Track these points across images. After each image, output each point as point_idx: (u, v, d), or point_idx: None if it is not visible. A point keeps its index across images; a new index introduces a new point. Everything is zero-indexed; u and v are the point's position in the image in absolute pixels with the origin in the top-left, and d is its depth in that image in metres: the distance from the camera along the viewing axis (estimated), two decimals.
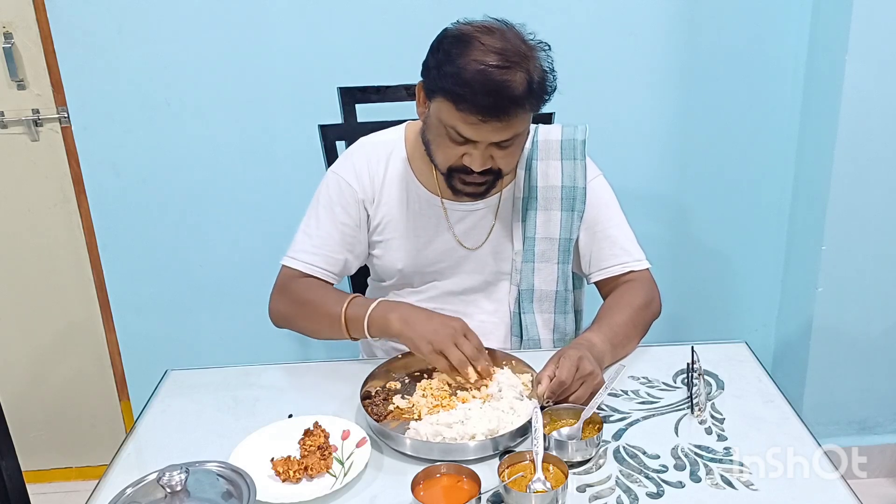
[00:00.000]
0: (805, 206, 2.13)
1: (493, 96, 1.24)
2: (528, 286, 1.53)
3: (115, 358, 2.30)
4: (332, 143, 1.72)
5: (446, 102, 1.28)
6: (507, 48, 1.26)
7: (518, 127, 1.31)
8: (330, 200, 1.49)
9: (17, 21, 1.99)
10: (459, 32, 1.30)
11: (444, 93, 1.28)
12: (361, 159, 1.50)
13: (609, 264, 1.51)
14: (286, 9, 1.96)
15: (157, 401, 1.37)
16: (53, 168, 2.11)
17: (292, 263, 1.48)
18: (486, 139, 1.30)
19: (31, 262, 2.20)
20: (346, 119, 1.72)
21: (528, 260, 1.52)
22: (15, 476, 1.34)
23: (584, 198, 1.49)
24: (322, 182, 1.52)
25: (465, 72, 1.25)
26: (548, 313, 1.55)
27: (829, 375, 2.17)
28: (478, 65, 1.24)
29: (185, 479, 0.98)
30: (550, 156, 1.50)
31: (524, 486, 1.05)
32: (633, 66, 2.07)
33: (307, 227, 1.50)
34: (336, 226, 1.48)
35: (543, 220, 1.50)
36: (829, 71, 1.94)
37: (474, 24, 1.31)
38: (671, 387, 1.34)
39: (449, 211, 1.49)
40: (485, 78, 1.24)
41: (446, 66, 1.27)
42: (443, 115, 1.30)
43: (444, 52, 1.29)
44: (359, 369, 1.38)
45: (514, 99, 1.25)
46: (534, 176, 1.50)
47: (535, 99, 1.29)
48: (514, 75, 1.25)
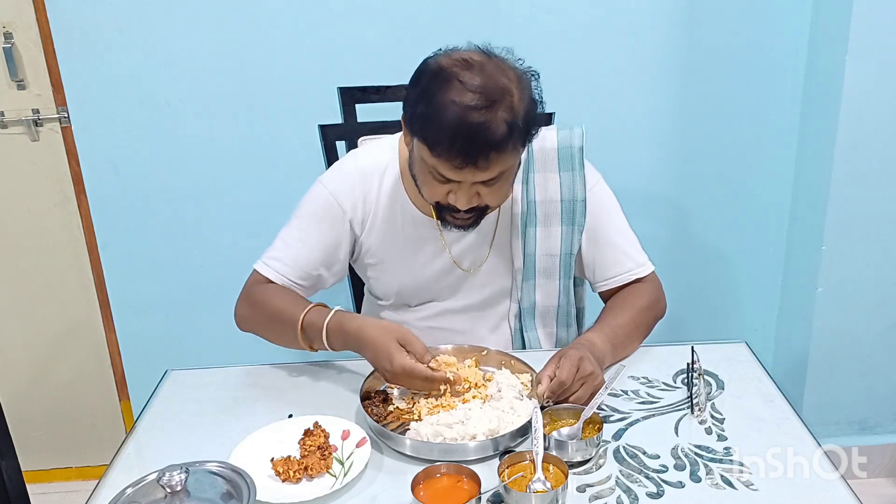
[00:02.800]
0: (805, 206, 2.13)
1: (469, 141, 1.18)
2: (530, 303, 1.51)
3: (115, 358, 2.30)
4: (332, 143, 1.72)
5: (424, 146, 1.23)
6: (486, 85, 1.19)
7: (503, 165, 1.24)
8: (316, 215, 1.44)
9: (17, 21, 1.98)
10: (438, 67, 1.23)
11: (420, 136, 1.24)
12: (356, 179, 1.44)
13: (614, 273, 1.48)
14: (286, 9, 1.96)
15: (157, 401, 1.37)
16: (53, 168, 2.11)
17: (264, 270, 1.45)
18: (469, 180, 1.25)
19: (31, 262, 2.20)
20: (346, 119, 1.72)
21: (528, 277, 1.49)
22: (15, 476, 1.34)
23: (584, 210, 1.45)
24: (311, 191, 1.46)
25: (441, 115, 1.19)
26: (550, 327, 1.54)
27: (829, 375, 2.17)
28: (454, 107, 1.18)
29: (185, 479, 0.99)
30: (548, 167, 1.45)
31: (524, 486, 1.05)
32: (633, 66, 2.07)
33: (287, 236, 1.45)
34: (318, 241, 1.44)
35: (543, 235, 1.47)
36: (829, 71, 1.93)
37: (454, 55, 1.24)
38: (671, 387, 1.34)
39: (444, 232, 1.45)
40: (461, 121, 1.17)
41: (421, 107, 1.22)
42: (424, 155, 1.25)
43: (423, 90, 1.23)
44: (359, 369, 1.38)
45: (493, 143, 1.19)
46: (531, 190, 1.45)
47: (519, 137, 1.23)
48: (494, 115, 1.18)
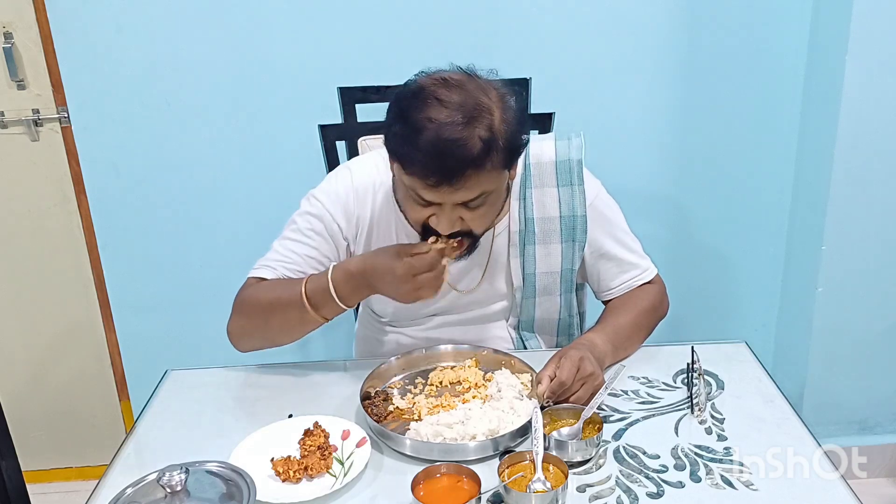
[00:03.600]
0: (805, 206, 2.13)
1: (443, 158, 1.14)
2: (529, 318, 1.49)
3: (115, 358, 2.30)
4: (332, 143, 1.72)
5: (398, 165, 1.21)
6: (465, 102, 1.16)
7: (482, 186, 1.19)
8: (311, 229, 1.40)
9: (17, 21, 1.98)
10: (418, 87, 1.20)
11: (395, 155, 1.20)
12: (350, 199, 1.40)
13: (619, 283, 1.47)
14: (286, 9, 1.96)
15: (157, 401, 1.37)
16: (53, 168, 2.11)
17: (255, 273, 1.41)
18: (449, 201, 1.20)
19: (31, 262, 2.20)
20: (346, 119, 1.72)
21: (528, 296, 1.46)
22: (15, 476, 1.35)
23: (584, 226, 1.42)
24: (305, 204, 1.42)
25: (414, 132, 1.15)
26: (550, 336, 1.53)
27: (829, 375, 2.17)
28: (430, 123, 1.14)
29: (185, 479, 0.99)
30: (545, 182, 1.41)
31: (524, 486, 1.05)
32: (634, 66, 2.07)
33: (281, 247, 1.41)
34: (312, 250, 1.39)
35: (543, 253, 1.43)
36: (829, 71, 1.93)
37: (434, 76, 1.21)
38: (671, 387, 1.34)
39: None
40: (436, 138, 1.13)
41: (396, 126, 1.19)
42: (401, 176, 1.22)
43: (399, 111, 1.20)
44: (359, 369, 1.38)
45: (469, 160, 1.15)
46: (529, 207, 1.41)
47: (499, 155, 1.18)
48: (471, 132, 1.14)
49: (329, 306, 1.30)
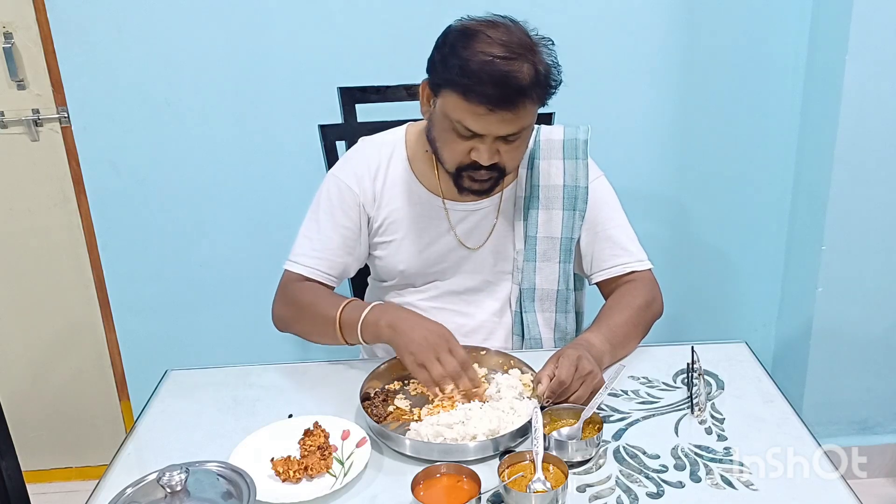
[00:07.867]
0: (805, 206, 2.13)
1: (500, 86, 1.25)
2: (530, 285, 1.53)
3: (115, 358, 2.30)
4: (332, 143, 1.72)
5: (453, 95, 1.29)
6: (512, 40, 1.27)
7: (525, 120, 1.31)
8: (330, 204, 1.49)
9: (17, 21, 1.98)
10: (464, 27, 1.31)
11: (452, 85, 1.29)
12: (362, 162, 1.50)
13: (611, 264, 1.51)
14: (286, 9, 1.96)
15: (157, 401, 1.37)
16: (53, 168, 2.11)
17: (293, 267, 1.48)
18: (493, 132, 1.30)
19: (31, 262, 2.20)
20: (346, 119, 1.72)
21: (529, 259, 1.52)
22: (15, 476, 1.34)
23: (585, 197, 1.49)
24: (322, 185, 1.51)
25: (472, 63, 1.26)
26: (549, 312, 1.55)
27: (829, 375, 2.17)
28: (484, 56, 1.25)
29: (185, 479, 0.98)
30: (552, 155, 1.50)
31: (524, 486, 1.05)
32: (634, 65, 2.07)
33: (308, 231, 1.50)
34: (337, 229, 1.48)
35: (545, 218, 1.50)
36: (829, 71, 1.94)
37: (478, 19, 1.32)
38: (671, 387, 1.34)
39: (450, 211, 1.49)
40: (491, 68, 1.25)
41: (452, 59, 1.28)
42: (449, 109, 1.31)
43: (450, 47, 1.30)
44: (359, 369, 1.38)
45: (521, 89, 1.26)
46: (536, 175, 1.50)
47: (542, 90, 1.30)
48: (521, 66, 1.26)
49: (354, 339, 1.39)
